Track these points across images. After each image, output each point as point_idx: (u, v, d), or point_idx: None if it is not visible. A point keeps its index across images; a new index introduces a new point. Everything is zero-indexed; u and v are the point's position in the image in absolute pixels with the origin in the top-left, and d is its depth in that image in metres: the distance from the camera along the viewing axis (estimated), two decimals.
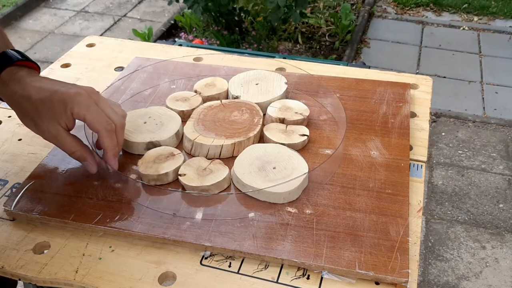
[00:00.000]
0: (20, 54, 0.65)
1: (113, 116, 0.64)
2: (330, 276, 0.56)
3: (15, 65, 0.64)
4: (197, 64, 0.95)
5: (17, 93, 0.62)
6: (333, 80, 0.87)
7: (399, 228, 0.60)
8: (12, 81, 0.63)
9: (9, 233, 0.63)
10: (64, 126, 0.62)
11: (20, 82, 0.62)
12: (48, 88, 0.62)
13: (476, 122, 2.31)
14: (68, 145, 0.64)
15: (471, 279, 1.64)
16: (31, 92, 0.61)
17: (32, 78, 0.63)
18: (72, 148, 0.64)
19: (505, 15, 3.15)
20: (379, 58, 2.76)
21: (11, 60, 0.64)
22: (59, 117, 0.61)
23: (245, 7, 2.53)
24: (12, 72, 0.63)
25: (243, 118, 0.76)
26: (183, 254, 0.60)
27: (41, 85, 0.62)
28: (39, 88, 0.62)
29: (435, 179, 2.02)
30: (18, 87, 0.62)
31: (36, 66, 0.66)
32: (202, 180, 0.65)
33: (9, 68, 0.63)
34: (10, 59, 0.64)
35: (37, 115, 0.62)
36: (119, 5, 3.40)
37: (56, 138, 0.63)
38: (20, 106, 0.63)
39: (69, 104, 0.61)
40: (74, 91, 0.62)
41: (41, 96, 0.61)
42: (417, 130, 0.78)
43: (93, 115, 0.62)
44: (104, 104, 0.64)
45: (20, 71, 0.63)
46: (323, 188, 0.66)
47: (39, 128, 0.63)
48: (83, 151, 0.65)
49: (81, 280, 0.57)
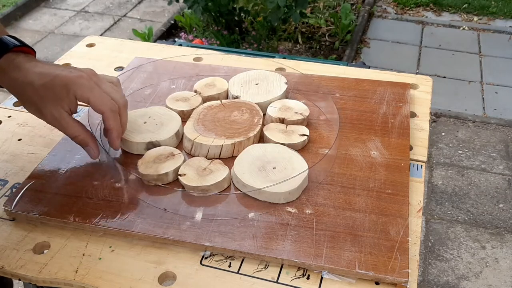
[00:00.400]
0: (16, 40, 0.65)
1: (115, 96, 0.65)
2: (330, 276, 0.56)
3: (12, 52, 0.63)
4: (197, 64, 0.95)
5: (18, 80, 0.62)
6: (333, 80, 0.88)
7: (399, 228, 0.60)
8: (11, 68, 0.62)
9: (9, 233, 0.63)
10: (67, 110, 0.63)
11: (20, 68, 0.62)
12: (49, 73, 0.62)
13: (476, 122, 2.31)
14: (72, 128, 0.64)
15: (471, 279, 1.64)
16: (32, 78, 0.62)
17: (32, 64, 0.63)
18: (75, 132, 0.65)
19: (505, 15, 3.15)
20: (379, 58, 2.76)
21: (8, 46, 0.63)
22: (62, 101, 0.62)
23: (245, 7, 2.53)
24: (10, 59, 0.63)
25: (243, 118, 0.76)
26: (183, 254, 0.60)
27: (42, 71, 0.62)
28: (40, 74, 0.62)
29: (435, 179, 2.02)
30: (19, 74, 0.62)
31: (32, 51, 0.66)
32: (202, 180, 0.65)
33: (7, 55, 0.63)
34: (7, 45, 0.64)
35: (40, 100, 0.62)
36: (119, 5, 3.40)
37: (60, 122, 0.63)
38: (22, 93, 0.63)
39: (71, 88, 0.61)
40: (76, 74, 0.62)
41: (43, 82, 0.61)
42: (417, 130, 0.78)
43: (96, 97, 0.62)
44: (105, 85, 0.65)
45: (18, 57, 0.63)
46: (323, 188, 0.66)
47: (42, 113, 0.63)
48: (86, 135, 0.66)
49: (81, 280, 0.57)
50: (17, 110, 0.85)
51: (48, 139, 0.78)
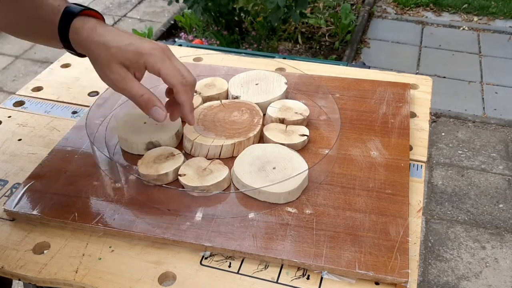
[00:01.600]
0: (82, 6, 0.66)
1: (185, 73, 0.64)
2: (330, 276, 0.56)
3: (82, 15, 0.64)
4: (197, 64, 0.95)
5: (93, 40, 0.63)
6: (333, 80, 0.88)
7: (399, 228, 0.60)
8: (85, 29, 0.63)
9: (9, 233, 0.63)
10: (133, 74, 0.63)
11: (95, 30, 0.63)
12: (124, 38, 0.63)
13: (476, 122, 2.31)
14: (137, 87, 0.64)
15: (471, 279, 1.64)
16: (108, 39, 0.62)
17: (106, 28, 0.64)
18: (141, 91, 0.64)
19: (505, 15, 3.15)
20: (379, 58, 2.76)
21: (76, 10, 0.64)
22: (131, 65, 0.62)
23: (245, 7, 2.53)
24: (83, 21, 0.64)
25: (243, 118, 0.76)
26: (183, 254, 0.60)
27: (117, 36, 0.63)
28: (116, 36, 0.63)
29: (435, 179, 2.02)
30: (94, 34, 0.63)
31: (101, 15, 0.67)
32: (202, 180, 0.65)
33: (78, 17, 0.64)
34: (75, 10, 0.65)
35: (111, 58, 0.62)
36: (119, 5, 3.40)
37: (125, 81, 0.63)
38: (95, 52, 0.64)
39: (144, 56, 0.62)
40: (149, 46, 0.63)
41: (118, 44, 0.62)
42: (417, 130, 0.78)
43: (168, 69, 0.63)
44: (177, 61, 0.65)
45: (90, 21, 0.64)
46: (323, 188, 0.66)
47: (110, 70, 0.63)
48: (151, 94, 0.64)
49: (81, 280, 0.57)
50: (17, 110, 0.85)
51: (48, 139, 0.78)
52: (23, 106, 0.86)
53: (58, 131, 0.79)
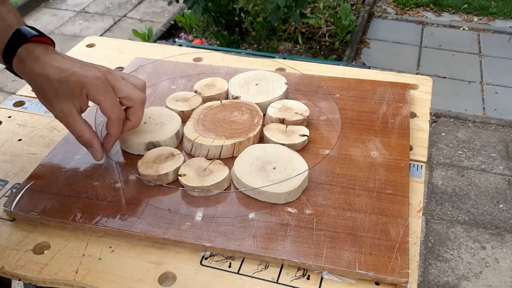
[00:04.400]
0: (34, 30, 0.65)
1: (132, 94, 0.65)
2: (330, 277, 0.56)
3: (31, 42, 0.64)
4: (197, 64, 0.95)
5: (35, 71, 0.63)
6: (333, 81, 0.88)
7: (399, 228, 0.60)
8: (29, 58, 0.63)
9: (9, 233, 0.63)
10: (77, 107, 0.63)
11: (38, 60, 0.63)
12: (66, 69, 0.62)
13: (476, 123, 2.31)
14: (78, 126, 0.64)
15: (471, 279, 1.64)
16: (49, 71, 0.62)
17: (50, 57, 0.63)
18: (81, 131, 0.65)
19: (505, 16, 3.15)
20: (379, 59, 2.76)
21: (26, 37, 0.64)
22: (74, 97, 0.62)
23: (245, 7, 2.53)
24: (29, 49, 0.63)
25: (243, 119, 0.76)
26: (183, 255, 0.60)
27: (60, 65, 0.63)
28: (57, 68, 0.62)
29: (435, 179, 2.02)
30: (37, 66, 0.63)
31: (51, 41, 0.67)
32: (202, 180, 0.65)
33: (25, 45, 0.63)
34: (25, 36, 0.64)
35: (53, 93, 0.62)
36: (119, 6, 3.41)
37: (67, 118, 0.64)
38: (37, 84, 0.64)
39: (85, 87, 0.62)
40: (92, 75, 0.62)
41: (59, 77, 0.62)
42: (417, 130, 0.78)
43: (108, 102, 0.63)
44: (121, 83, 0.65)
45: (37, 48, 0.64)
46: (323, 188, 0.66)
47: (53, 106, 0.64)
48: (91, 136, 0.66)
49: (81, 280, 0.57)
50: (17, 110, 0.85)
51: (48, 139, 0.78)
52: (23, 106, 0.86)
53: (58, 131, 0.79)
